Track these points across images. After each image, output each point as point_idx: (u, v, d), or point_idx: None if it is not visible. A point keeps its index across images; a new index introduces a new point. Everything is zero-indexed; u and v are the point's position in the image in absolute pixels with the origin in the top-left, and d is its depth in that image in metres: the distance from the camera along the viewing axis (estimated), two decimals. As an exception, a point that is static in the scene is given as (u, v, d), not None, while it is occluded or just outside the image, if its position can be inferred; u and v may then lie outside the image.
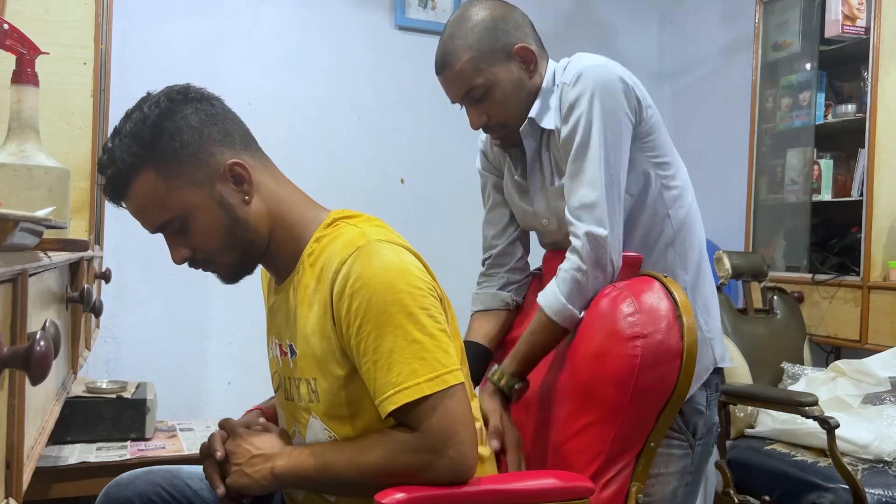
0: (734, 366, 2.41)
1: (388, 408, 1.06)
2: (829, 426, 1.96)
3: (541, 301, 1.37)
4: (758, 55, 3.13)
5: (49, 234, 0.95)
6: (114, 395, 2.26)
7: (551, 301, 1.35)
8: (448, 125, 2.97)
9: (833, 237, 2.87)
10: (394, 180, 3.33)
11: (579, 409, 1.29)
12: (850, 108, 2.77)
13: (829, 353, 2.89)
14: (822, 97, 2.89)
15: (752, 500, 2.21)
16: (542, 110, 1.44)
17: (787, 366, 2.56)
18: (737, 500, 2.22)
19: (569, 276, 1.34)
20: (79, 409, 2.19)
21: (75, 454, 2.10)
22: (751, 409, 2.39)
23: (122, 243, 2.73)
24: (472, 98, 1.44)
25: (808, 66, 2.92)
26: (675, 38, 3.82)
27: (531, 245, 1.65)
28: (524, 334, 1.41)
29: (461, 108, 1.49)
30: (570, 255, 1.35)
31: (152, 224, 1.14)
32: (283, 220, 1.18)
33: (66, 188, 1.15)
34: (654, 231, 1.44)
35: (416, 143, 3.34)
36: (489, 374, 1.43)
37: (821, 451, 2.12)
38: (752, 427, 2.39)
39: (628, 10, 3.78)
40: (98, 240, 1.98)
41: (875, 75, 2.60)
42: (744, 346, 2.50)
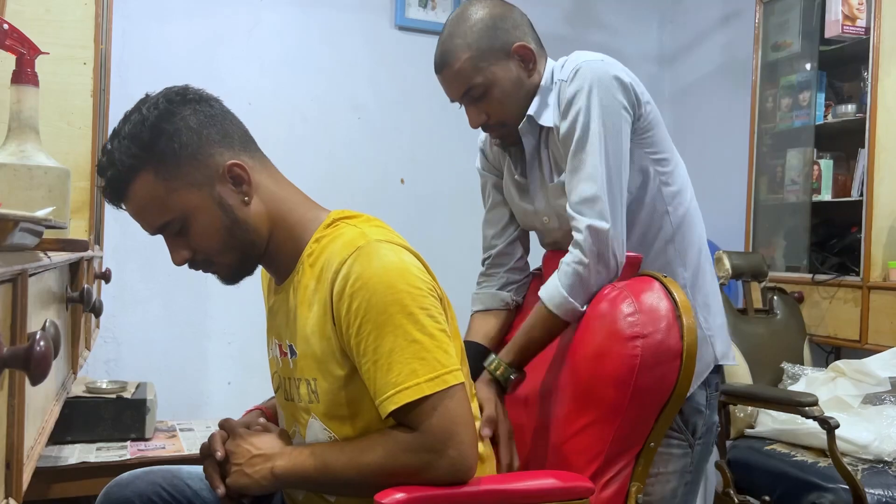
0: (737, 364, 2.41)
1: (389, 408, 1.06)
2: (829, 426, 1.96)
3: (542, 294, 1.37)
4: (758, 55, 3.12)
5: (49, 234, 0.95)
6: (114, 395, 2.26)
7: (553, 294, 1.35)
8: (448, 125, 2.97)
9: (833, 237, 2.86)
10: (394, 180, 3.32)
11: (579, 409, 1.29)
12: (850, 108, 2.77)
13: (829, 353, 2.89)
14: (822, 97, 2.88)
15: (752, 500, 2.20)
16: (540, 108, 1.44)
17: (787, 366, 2.56)
18: (737, 500, 2.22)
19: (571, 270, 1.33)
20: (79, 409, 2.19)
21: (75, 454, 2.10)
22: (751, 409, 2.39)
23: (122, 243, 2.73)
24: (471, 97, 1.44)
25: (808, 67, 2.92)
26: (675, 37, 3.81)
27: (531, 245, 1.66)
28: (523, 326, 1.41)
29: (461, 107, 1.49)
30: (572, 249, 1.35)
31: (152, 225, 1.14)
32: (282, 221, 1.18)
33: (66, 188, 1.15)
34: (653, 228, 1.44)
35: (416, 143, 3.34)
36: (486, 363, 1.43)
37: (821, 452, 2.12)
38: (752, 427, 2.39)
39: (628, 10, 3.78)
40: (98, 240, 1.98)
41: (875, 75, 2.60)
42: (744, 346, 2.50)
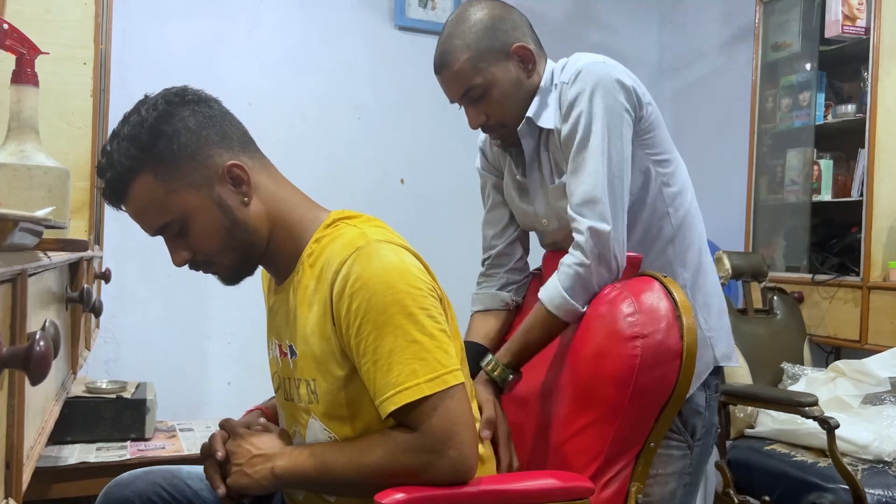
0: (738, 366, 2.41)
1: (389, 408, 1.06)
2: (829, 426, 1.96)
3: (542, 295, 1.37)
4: (758, 55, 3.12)
5: (49, 234, 0.95)
6: (114, 396, 2.26)
7: (553, 295, 1.34)
8: (448, 125, 2.96)
9: (833, 237, 2.86)
10: (394, 180, 3.32)
11: (579, 410, 1.29)
12: (850, 108, 2.77)
13: (829, 353, 2.89)
14: (821, 97, 2.88)
15: (752, 500, 2.20)
16: (539, 109, 1.44)
17: (787, 366, 2.56)
18: (737, 501, 2.22)
19: (571, 271, 1.33)
20: (79, 409, 2.19)
21: (75, 454, 2.10)
22: (751, 409, 2.39)
23: (122, 243, 2.73)
24: (470, 98, 1.44)
25: (807, 67, 2.92)
26: (675, 38, 3.81)
27: (531, 245, 1.66)
28: (521, 327, 1.41)
29: (460, 107, 1.49)
30: (572, 251, 1.35)
31: (151, 227, 1.14)
32: (282, 221, 1.18)
33: (66, 188, 1.15)
34: (654, 229, 1.44)
35: (416, 143, 3.34)
36: (483, 364, 1.42)
37: (821, 452, 2.12)
38: (752, 427, 2.39)
39: (628, 10, 3.78)
40: (98, 240, 1.98)
41: (875, 75, 2.60)
42: (744, 347, 2.50)
